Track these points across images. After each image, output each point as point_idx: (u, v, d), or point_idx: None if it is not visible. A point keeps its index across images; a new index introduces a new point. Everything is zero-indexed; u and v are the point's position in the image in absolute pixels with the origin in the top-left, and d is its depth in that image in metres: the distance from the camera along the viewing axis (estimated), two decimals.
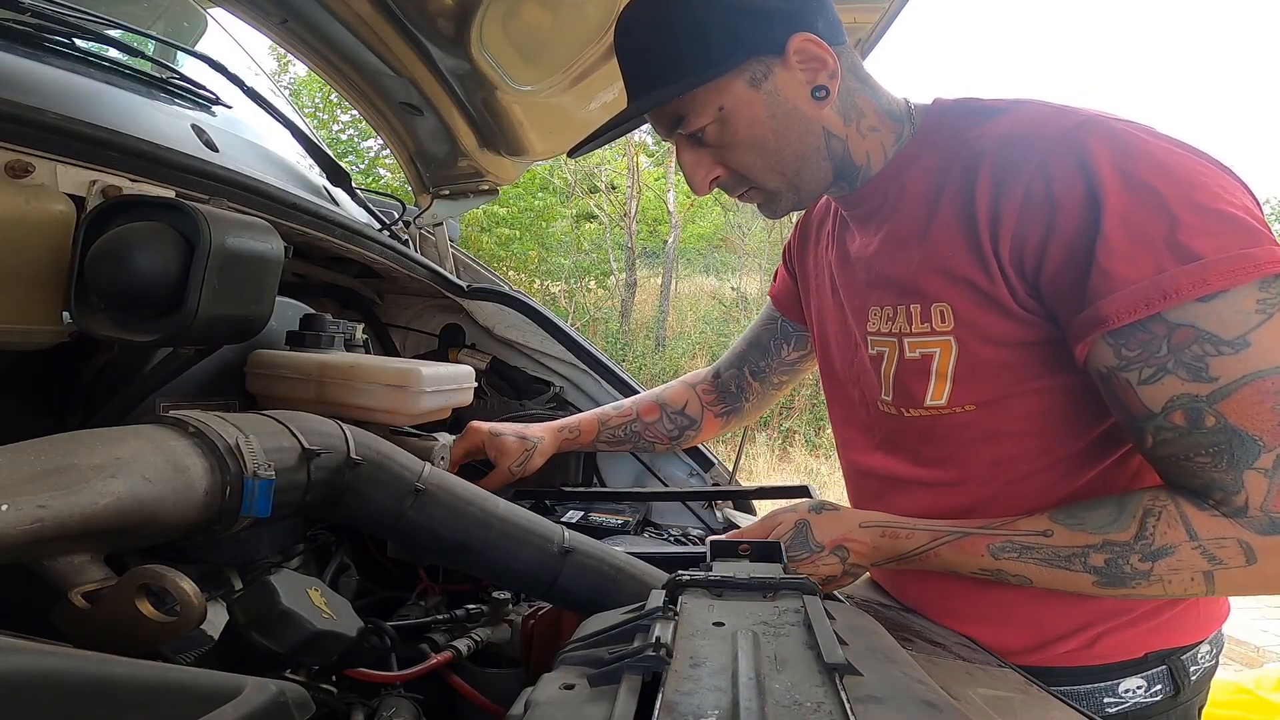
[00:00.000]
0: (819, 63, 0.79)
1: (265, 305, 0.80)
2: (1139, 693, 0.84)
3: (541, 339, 1.55)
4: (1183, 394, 0.67)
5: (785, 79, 0.79)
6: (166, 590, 0.50)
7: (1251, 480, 0.67)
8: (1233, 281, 0.64)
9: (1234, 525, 0.68)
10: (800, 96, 0.80)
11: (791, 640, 0.45)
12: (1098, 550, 0.72)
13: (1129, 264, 0.67)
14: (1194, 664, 0.86)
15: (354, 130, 10.77)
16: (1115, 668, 0.84)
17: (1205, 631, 0.87)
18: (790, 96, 0.80)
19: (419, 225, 1.78)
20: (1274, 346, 0.65)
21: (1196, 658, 0.86)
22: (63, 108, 0.76)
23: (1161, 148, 0.70)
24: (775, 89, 0.79)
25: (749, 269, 13.01)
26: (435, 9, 1.35)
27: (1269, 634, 4.23)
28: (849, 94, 0.83)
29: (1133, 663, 0.84)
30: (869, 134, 0.84)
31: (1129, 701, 0.84)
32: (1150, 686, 0.84)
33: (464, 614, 0.85)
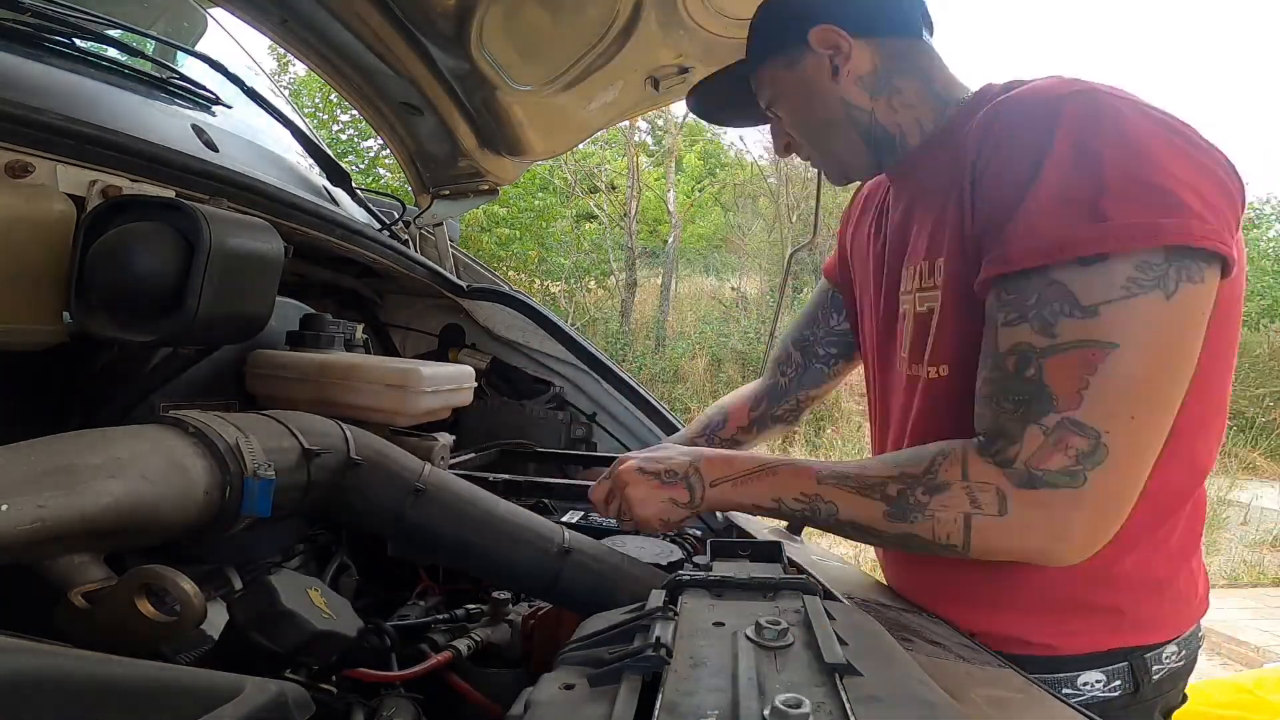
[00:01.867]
0: (834, 48, 0.92)
1: (265, 305, 0.80)
2: (1097, 686, 0.85)
3: (541, 339, 1.55)
4: (1026, 342, 0.71)
5: (812, 61, 0.94)
6: (166, 590, 0.50)
7: (1030, 434, 0.70)
8: (1125, 246, 0.66)
9: (1000, 473, 0.71)
10: (823, 75, 0.94)
11: (791, 640, 0.45)
12: (895, 481, 0.77)
13: (1046, 217, 0.70)
14: (1158, 663, 0.86)
15: (354, 130, 10.77)
16: (1076, 660, 0.85)
17: (1173, 631, 0.87)
18: (814, 75, 0.95)
19: (419, 225, 1.78)
20: (1117, 325, 0.67)
21: (1161, 657, 0.86)
22: (63, 108, 0.76)
23: (1131, 119, 0.70)
24: (804, 70, 0.95)
25: (749, 269, 13.00)
26: (435, 9, 1.35)
27: (1269, 634, 4.23)
28: (884, 73, 0.93)
29: (1095, 656, 0.85)
30: (902, 109, 0.93)
31: (1085, 694, 0.85)
32: (1109, 681, 0.85)
33: (464, 614, 0.85)
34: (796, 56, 0.95)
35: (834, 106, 0.94)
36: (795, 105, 0.98)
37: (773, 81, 0.99)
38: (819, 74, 0.94)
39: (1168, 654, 0.87)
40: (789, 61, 0.96)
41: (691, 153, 14.08)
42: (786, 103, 0.99)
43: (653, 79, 1.57)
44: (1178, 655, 0.88)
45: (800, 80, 0.96)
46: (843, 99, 0.94)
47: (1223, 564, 5.77)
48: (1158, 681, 0.86)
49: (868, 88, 0.93)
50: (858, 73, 0.93)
